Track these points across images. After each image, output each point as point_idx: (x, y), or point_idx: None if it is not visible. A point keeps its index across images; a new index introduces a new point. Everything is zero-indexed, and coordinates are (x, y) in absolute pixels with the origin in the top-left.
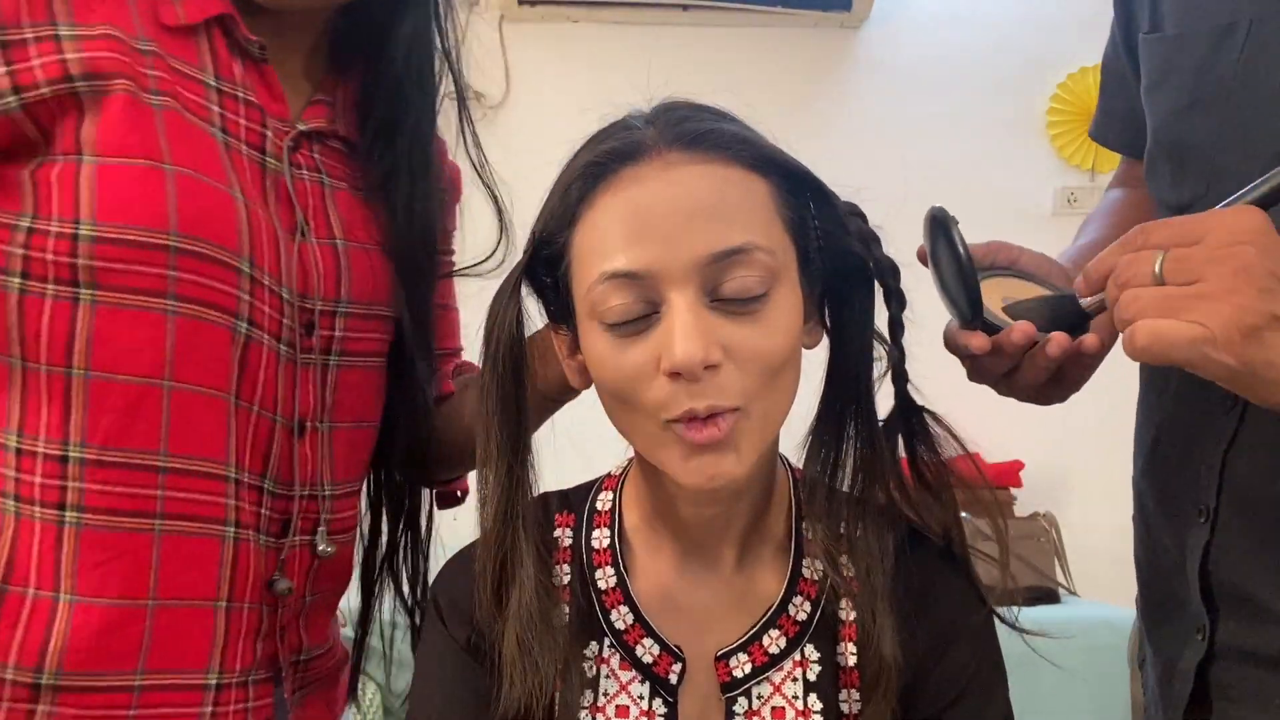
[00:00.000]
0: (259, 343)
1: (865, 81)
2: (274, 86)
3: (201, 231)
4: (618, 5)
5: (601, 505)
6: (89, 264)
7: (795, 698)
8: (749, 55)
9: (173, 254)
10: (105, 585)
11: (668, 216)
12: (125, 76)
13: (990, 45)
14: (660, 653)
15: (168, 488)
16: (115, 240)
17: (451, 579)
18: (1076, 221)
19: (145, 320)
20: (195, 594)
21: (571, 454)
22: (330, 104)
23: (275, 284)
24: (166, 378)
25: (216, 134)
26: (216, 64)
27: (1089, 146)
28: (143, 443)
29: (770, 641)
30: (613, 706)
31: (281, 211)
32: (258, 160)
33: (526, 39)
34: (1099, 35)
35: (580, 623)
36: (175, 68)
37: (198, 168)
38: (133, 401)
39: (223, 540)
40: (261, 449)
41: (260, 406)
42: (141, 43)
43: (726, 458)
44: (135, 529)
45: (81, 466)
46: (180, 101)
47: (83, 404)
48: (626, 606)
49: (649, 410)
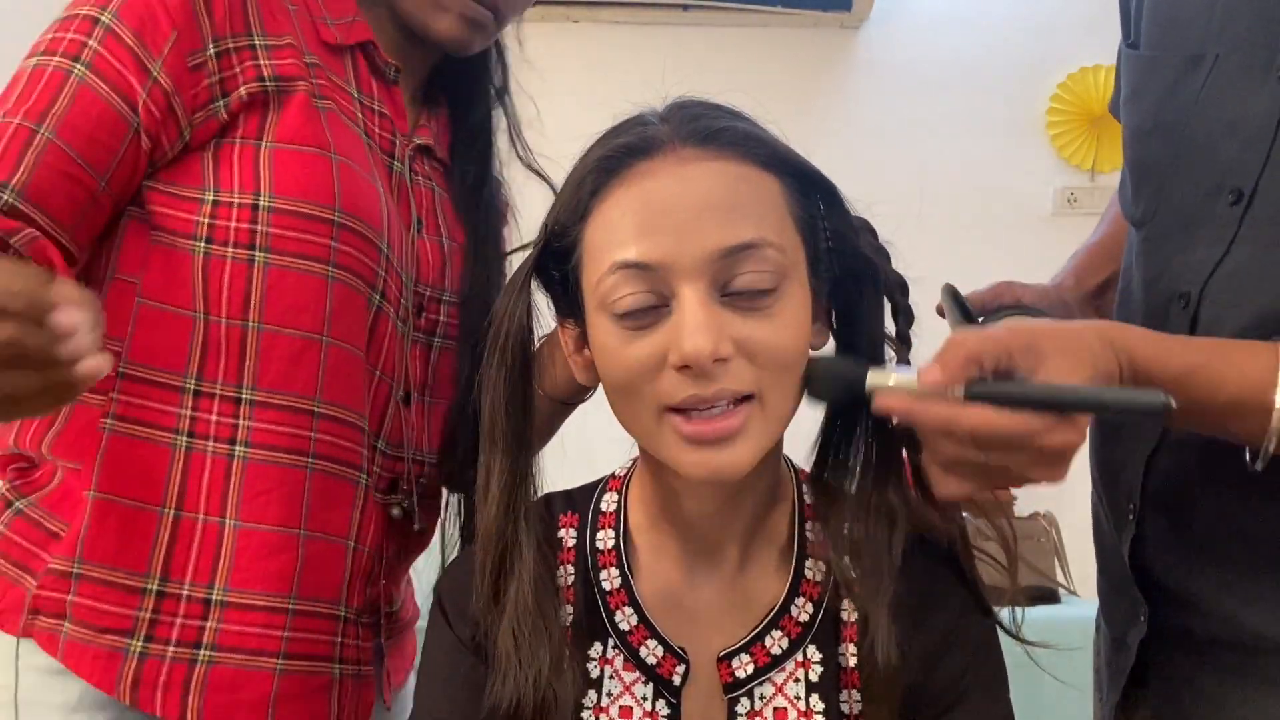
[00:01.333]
0: (386, 315)
1: (865, 81)
2: (399, 105)
3: (358, 211)
4: (618, 5)
5: (606, 506)
6: (266, 230)
7: (797, 698)
8: (749, 55)
9: (336, 228)
10: (266, 513)
11: (680, 210)
12: (304, 81)
13: (990, 45)
14: (664, 654)
15: (320, 431)
16: (291, 212)
17: (456, 577)
18: (1076, 221)
19: (310, 283)
20: (334, 530)
21: (576, 456)
22: (431, 128)
23: (400, 266)
24: (325, 334)
25: (362, 135)
26: (359, 81)
27: (1089, 146)
28: (303, 389)
29: (772, 642)
30: (616, 707)
31: (402, 209)
32: (386, 163)
33: (526, 39)
34: (1099, 35)
35: (584, 623)
36: (331, 79)
37: (353, 159)
38: (297, 352)
39: (356, 485)
40: (379, 410)
41: (381, 371)
42: (308, 56)
43: (733, 450)
44: (292, 464)
45: (252, 407)
46: (338, 106)
47: (255, 352)
48: (631, 608)
49: (651, 402)
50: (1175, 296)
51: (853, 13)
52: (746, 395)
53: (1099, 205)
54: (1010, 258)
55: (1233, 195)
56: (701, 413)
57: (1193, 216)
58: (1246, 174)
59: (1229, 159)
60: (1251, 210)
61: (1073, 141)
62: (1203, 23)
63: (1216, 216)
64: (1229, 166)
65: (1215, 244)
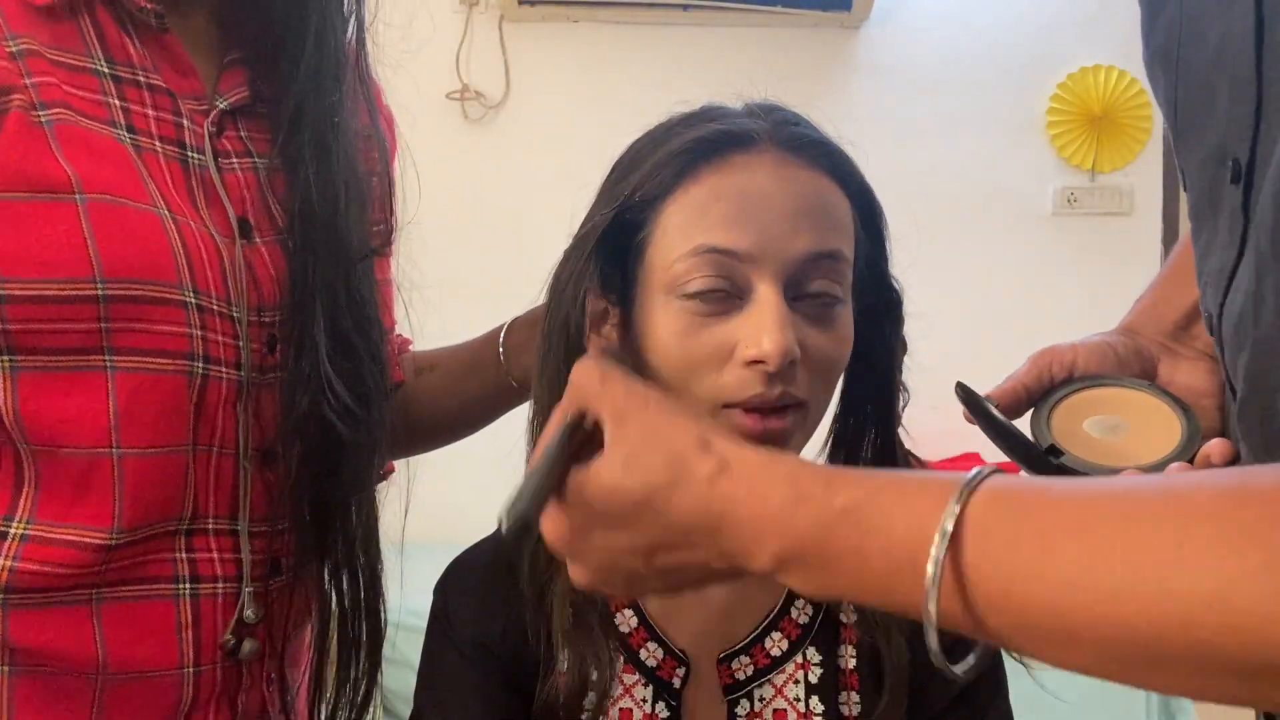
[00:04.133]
0: (216, 379)
1: (865, 82)
2: (180, 59)
3: (132, 269)
4: (618, 5)
5: None
6: (2, 328)
7: (797, 700)
8: (749, 55)
9: (102, 304)
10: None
11: (777, 208)
12: (16, 88)
13: (990, 45)
14: (665, 656)
15: (116, 560)
16: (32, 298)
17: (457, 580)
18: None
19: (80, 384)
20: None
21: None
22: (246, 61)
23: (226, 302)
24: (114, 445)
25: (123, 136)
26: (105, 45)
27: (1089, 146)
28: (93, 519)
29: (772, 644)
30: (617, 709)
31: (217, 214)
32: (177, 157)
33: (526, 39)
34: (1099, 35)
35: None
36: (57, 60)
37: (112, 189)
38: (80, 475)
39: (175, 600)
40: (227, 491)
41: (221, 446)
42: (11, 42)
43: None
44: (75, 602)
45: (22, 543)
46: (74, 107)
47: (32, 478)
48: (631, 610)
49: (708, 395)
50: (1225, 161)
51: (853, 13)
52: (801, 402)
53: (1099, 205)
54: (1010, 258)
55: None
56: (764, 414)
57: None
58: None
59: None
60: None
61: (1073, 141)
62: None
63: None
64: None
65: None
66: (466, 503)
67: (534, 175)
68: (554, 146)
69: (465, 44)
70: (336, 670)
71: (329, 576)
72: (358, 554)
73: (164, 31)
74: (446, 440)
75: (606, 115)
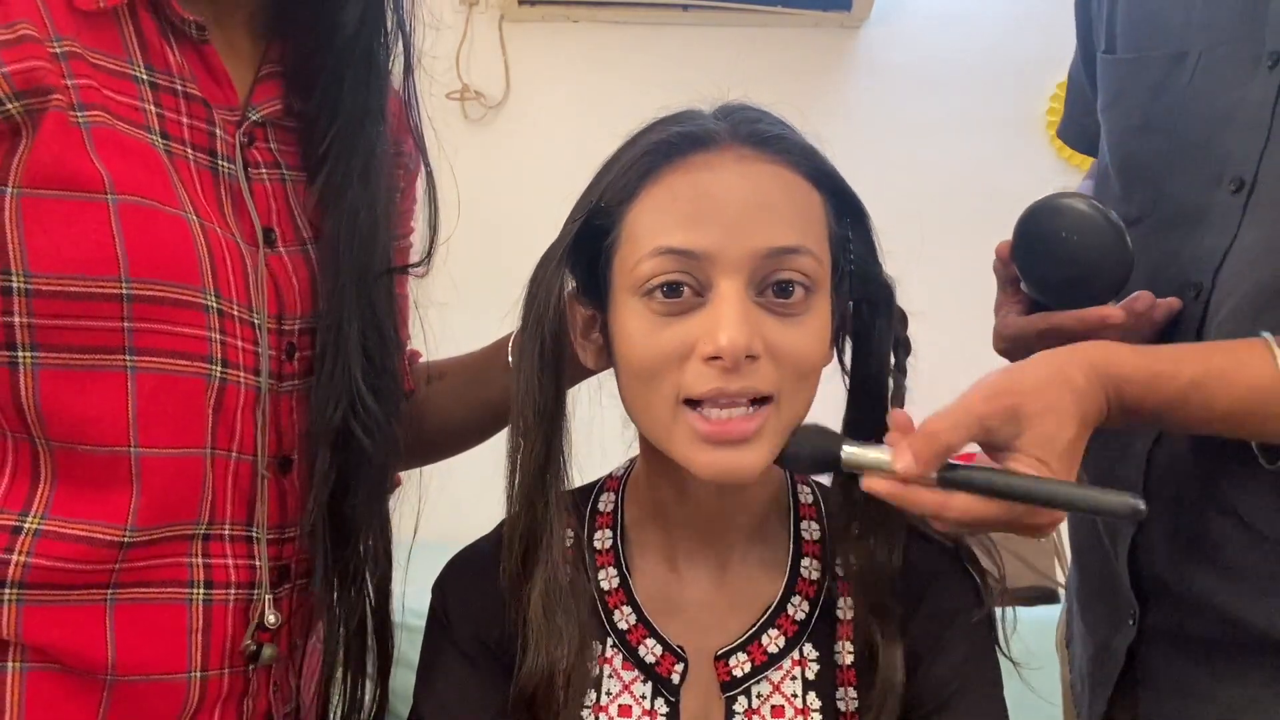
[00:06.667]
0: (234, 384)
1: (865, 82)
2: (217, 70)
3: (158, 270)
4: (618, 5)
5: (603, 506)
6: (27, 322)
7: (794, 696)
8: (749, 55)
9: (126, 303)
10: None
11: (734, 205)
12: (56, 88)
13: (990, 45)
14: (663, 653)
15: (130, 560)
16: (58, 293)
17: (455, 579)
18: None
19: (101, 382)
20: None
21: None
22: (281, 74)
23: (248, 310)
24: (133, 444)
25: (156, 141)
26: (146, 52)
27: None
28: (111, 516)
29: (769, 641)
30: (615, 706)
31: (243, 222)
32: (208, 165)
33: (526, 39)
34: None
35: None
36: (97, 64)
37: (142, 191)
38: (99, 472)
39: (188, 605)
40: (243, 498)
41: (239, 451)
42: (55, 43)
43: (747, 452)
44: (90, 602)
45: (36, 538)
46: (112, 111)
47: (50, 476)
48: (629, 607)
49: (670, 392)
50: (1187, 286)
51: (853, 13)
52: (766, 397)
53: None
54: None
55: (1234, 184)
56: (720, 411)
57: (1195, 208)
58: (1246, 162)
59: (1226, 149)
60: (1255, 196)
61: None
62: (1181, 20)
63: (1218, 205)
64: (1227, 156)
65: (1222, 233)
66: (466, 503)
67: (534, 175)
68: (554, 146)
69: (465, 44)
70: (345, 679)
71: (339, 586)
72: (370, 565)
73: (204, 43)
74: (455, 449)
75: (606, 115)
